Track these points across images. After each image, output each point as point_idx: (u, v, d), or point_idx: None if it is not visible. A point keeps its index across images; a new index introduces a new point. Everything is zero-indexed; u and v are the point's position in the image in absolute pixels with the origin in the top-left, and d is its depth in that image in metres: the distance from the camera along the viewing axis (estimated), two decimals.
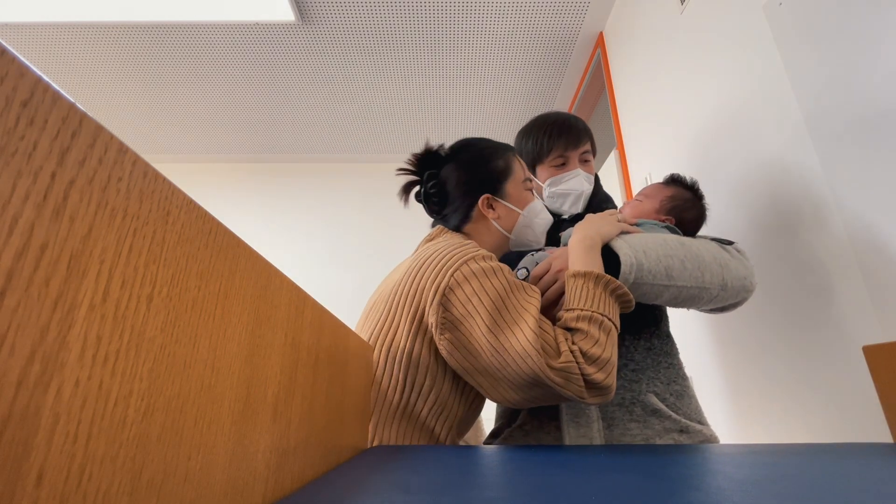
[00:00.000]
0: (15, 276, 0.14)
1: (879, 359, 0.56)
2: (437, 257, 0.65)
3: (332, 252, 2.76)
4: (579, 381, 0.55)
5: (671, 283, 0.66)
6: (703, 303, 0.72)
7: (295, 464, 0.33)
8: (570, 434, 0.71)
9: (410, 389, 0.63)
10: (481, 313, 0.58)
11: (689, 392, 0.78)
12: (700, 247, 0.71)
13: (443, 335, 0.61)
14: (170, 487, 0.20)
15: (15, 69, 0.14)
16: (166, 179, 0.21)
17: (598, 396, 0.57)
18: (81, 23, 1.89)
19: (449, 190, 0.79)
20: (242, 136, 2.74)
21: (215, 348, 0.24)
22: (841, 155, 0.78)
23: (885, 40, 0.70)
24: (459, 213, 0.79)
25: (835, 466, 0.37)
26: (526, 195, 0.80)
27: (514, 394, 0.58)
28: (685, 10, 1.30)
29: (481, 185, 0.78)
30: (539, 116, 0.94)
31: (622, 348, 0.78)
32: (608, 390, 0.57)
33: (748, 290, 0.74)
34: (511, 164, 0.80)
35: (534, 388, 0.56)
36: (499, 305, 0.59)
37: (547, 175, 0.89)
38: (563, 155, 0.88)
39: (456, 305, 0.60)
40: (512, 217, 0.79)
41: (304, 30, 1.96)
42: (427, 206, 0.83)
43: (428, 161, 0.82)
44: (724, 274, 0.70)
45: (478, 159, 0.79)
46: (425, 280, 0.63)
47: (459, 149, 0.82)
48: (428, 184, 0.80)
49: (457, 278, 0.61)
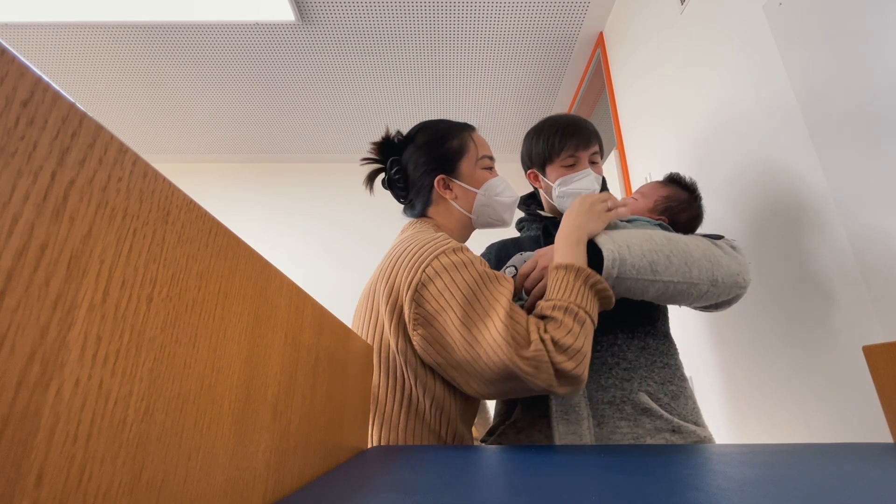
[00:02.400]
0: (15, 276, 0.14)
1: (879, 359, 0.56)
2: (409, 253, 0.65)
3: (332, 252, 2.76)
4: (549, 370, 0.55)
5: (656, 277, 0.66)
6: (693, 299, 0.71)
7: (295, 464, 0.33)
8: (560, 431, 0.71)
9: (410, 387, 0.63)
10: (454, 307, 0.59)
11: (686, 393, 0.78)
12: (689, 242, 0.71)
13: (416, 331, 0.61)
14: (170, 487, 0.20)
15: (15, 69, 0.14)
16: (166, 179, 0.21)
17: (567, 386, 0.57)
18: (81, 23, 1.89)
19: (410, 174, 0.80)
20: (242, 136, 2.74)
21: (215, 348, 0.24)
22: (841, 155, 0.78)
23: (885, 40, 0.70)
24: (422, 197, 0.80)
25: (835, 466, 0.37)
26: (482, 174, 0.80)
27: (486, 387, 0.59)
28: (685, 10, 1.30)
29: (436, 166, 0.79)
30: (549, 118, 0.95)
31: (615, 347, 0.78)
32: (578, 380, 0.57)
33: (741, 286, 0.73)
34: (466, 142, 0.81)
35: (505, 381, 0.57)
36: (470, 298, 0.59)
37: (557, 175, 0.90)
38: (574, 155, 0.89)
39: (429, 300, 0.60)
40: (469, 197, 0.79)
41: (304, 30, 1.96)
42: (393, 193, 0.84)
43: (389, 148, 0.83)
44: (714, 270, 0.70)
45: (433, 140, 0.80)
46: (399, 277, 0.64)
47: (417, 132, 0.82)
48: (391, 170, 0.81)
49: (428, 273, 0.61)
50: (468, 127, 0.83)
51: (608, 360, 0.77)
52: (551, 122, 0.92)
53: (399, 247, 0.69)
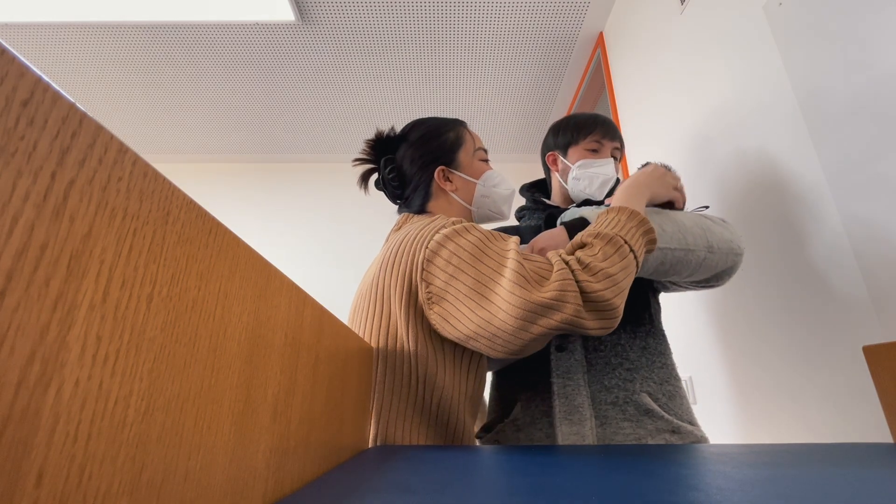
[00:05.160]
0: (15, 276, 0.14)
1: (879, 359, 0.56)
2: (410, 238, 0.64)
3: (332, 252, 2.76)
4: (573, 290, 0.49)
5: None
6: (692, 268, 0.70)
7: (295, 464, 0.33)
8: (563, 431, 0.71)
9: (417, 380, 0.62)
10: (464, 269, 0.57)
11: (680, 392, 0.78)
12: (678, 214, 0.72)
13: (432, 309, 0.59)
14: (170, 487, 0.20)
15: (15, 69, 0.14)
16: (166, 179, 0.21)
17: (598, 318, 0.51)
18: (81, 23, 1.89)
19: (405, 170, 0.80)
20: (242, 136, 2.74)
21: (215, 348, 0.24)
22: (840, 155, 0.78)
23: (885, 40, 0.70)
24: (420, 192, 0.79)
25: (835, 466, 0.37)
26: (480, 165, 0.81)
27: (514, 343, 0.53)
28: (685, 10, 1.30)
29: (435, 158, 0.79)
30: (578, 112, 0.98)
31: (618, 347, 0.78)
32: (609, 307, 0.50)
33: (736, 252, 0.74)
34: (462, 134, 0.81)
35: (530, 325, 0.51)
36: (478, 256, 0.57)
37: (579, 156, 0.91)
38: (600, 141, 0.91)
39: (438, 275, 0.58)
40: (469, 187, 0.79)
41: (304, 30, 1.96)
42: (387, 192, 0.83)
43: (382, 146, 0.82)
44: (707, 236, 0.70)
45: (428, 134, 0.80)
46: (406, 263, 0.62)
47: (410, 129, 0.82)
48: (385, 169, 0.81)
49: (432, 248, 0.60)
50: (460, 121, 0.84)
51: (612, 361, 0.76)
52: (581, 114, 0.96)
53: (398, 237, 0.68)
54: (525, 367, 0.80)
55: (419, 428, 0.62)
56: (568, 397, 0.73)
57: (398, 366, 0.63)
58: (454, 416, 0.63)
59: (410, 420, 0.62)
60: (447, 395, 0.62)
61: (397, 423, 0.62)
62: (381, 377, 0.63)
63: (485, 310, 0.54)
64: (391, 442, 0.61)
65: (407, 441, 0.61)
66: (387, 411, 0.62)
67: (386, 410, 0.62)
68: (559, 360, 0.76)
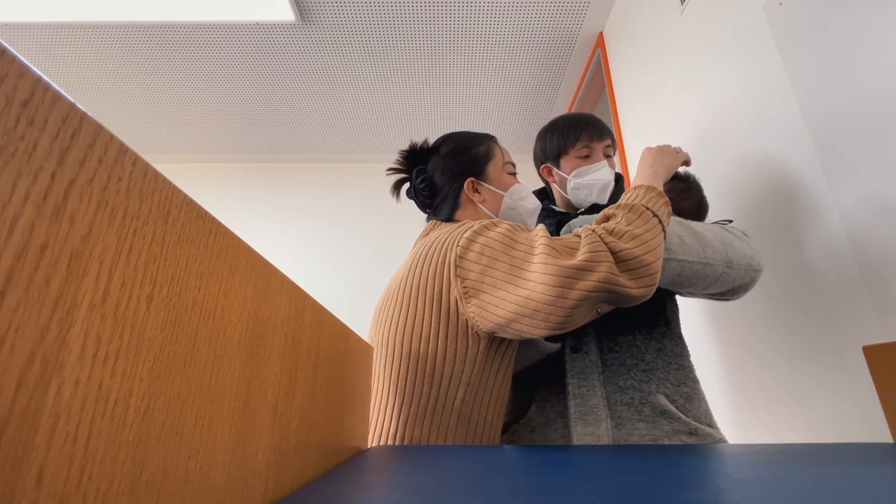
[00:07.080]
0: (15, 276, 0.14)
1: (879, 359, 0.56)
2: (440, 241, 0.67)
3: (333, 252, 2.76)
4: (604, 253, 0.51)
5: (670, 256, 0.65)
6: (709, 282, 0.70)
7: (295, 464, 0.33)
8: (578, 432, 0.70)
9: (442, 378, 0.62)
10: (497, 258, 0.59)
11: (698, 395, 0.78)
12: (700, 226, 0.72)
13: (469, 302, 0.60)
14: (170, 487, 0.20)
15: (15, 69, 0.14)
16: (166, 179, 0.21)
17: (635, 277, 0.52)
18: (81, 23, 1.88)
19: (436, 181, 0.83)
20: (242, 136, 2.73)
21: (215, 348, 0.24)
22: (841, 155, 0.78)
23: (885, 40, 0.70)
24: (449, 202, 0.82)
25: (835, 466, 0.37)
26: (508, 178, 0.83)
27: (556, 313, 0.53)
28: (685, 10, 1.30)
29: (465, 170, 0.82)
30: (560, 116, 0.96)
31: (633, 347, 0.77)
32: (644, 267, 0.52)
33: (755, 269, 0.73)
34: (491, 148, 0.85)
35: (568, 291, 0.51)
36: (508, 244, 0.59)
37: (572, 166, 0.90)
38: (589, 146, 0.90)
39: (472, 269, 0.61)
40: (497, 200, 0.82)
41: (304, 30, 1.96)
42: (418, 201, 0.87)
43: (415, 157, 0.86)
44: (728, 252, 0.70)
45: (460, 147, 0.84)
46: (436, 263, 0.64)
47: (442, 142, 0.86)
48: (417, 179, 0.84)
49: (463, 245, 0.62)
50: (491, 136, 0.87)
51: (627, 362, 0.76)
52: (564, 118, 0.94)
53: (428, 240, 0.71)
54: (540, 369, 0.80)
55: (443, 427, 0.62)
56: (583, 398, 0.73)
57: (423, 364, 0.63)
58: (480, 415, 0.64)
59: (435, 418, 0.62)
60: (471, 393, 0.63)
61: (423, 423, 0.62)
62: (403, 375, 0.64)
63: (522, 288, 0.55)
64: (415, 441, 0.61)
65: (430, 440, 0.61)
66: (407, 409, 0.62)
67: (406, 408, 0.62)
68: (574, 362, 0.76)
